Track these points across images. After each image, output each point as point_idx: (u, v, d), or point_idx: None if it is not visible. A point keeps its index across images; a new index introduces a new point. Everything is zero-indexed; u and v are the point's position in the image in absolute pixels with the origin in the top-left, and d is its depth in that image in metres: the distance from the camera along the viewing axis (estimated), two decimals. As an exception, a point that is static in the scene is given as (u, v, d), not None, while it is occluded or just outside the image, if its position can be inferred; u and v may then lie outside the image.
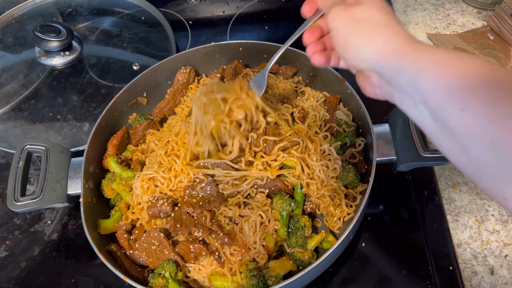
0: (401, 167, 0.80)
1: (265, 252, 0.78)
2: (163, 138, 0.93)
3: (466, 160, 0.43)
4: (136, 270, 0.81)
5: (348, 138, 0.90)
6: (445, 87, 0.42)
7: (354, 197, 0.86)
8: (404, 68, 0.46)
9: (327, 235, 0.82)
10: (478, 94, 0.40)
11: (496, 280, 0.81)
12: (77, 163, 0.89)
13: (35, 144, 0.88)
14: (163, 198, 0.81)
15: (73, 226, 0.99)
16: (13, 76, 1.21)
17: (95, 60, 1.22)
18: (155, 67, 1.01)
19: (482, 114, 0.39)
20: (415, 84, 0.45)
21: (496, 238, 0.86)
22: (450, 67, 0.42)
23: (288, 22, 1.36)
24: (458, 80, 0.41)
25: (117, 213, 0.87)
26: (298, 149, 0.81)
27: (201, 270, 0.79)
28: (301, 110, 0.95)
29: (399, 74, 0.47)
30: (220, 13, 1.42)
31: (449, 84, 0.42)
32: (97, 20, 1.34)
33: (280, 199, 0.81)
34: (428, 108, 0.45)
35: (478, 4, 1.25)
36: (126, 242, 0.83)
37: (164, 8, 1.44)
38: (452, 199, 0.91)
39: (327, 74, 0.96)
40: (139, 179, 0.84)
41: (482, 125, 0.39)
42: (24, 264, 0.95)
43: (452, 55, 0.43)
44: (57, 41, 1.17)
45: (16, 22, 1.34)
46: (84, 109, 1.13)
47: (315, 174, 0.82)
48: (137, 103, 1.05)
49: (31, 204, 0.82)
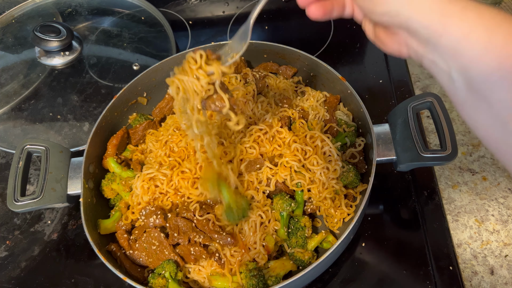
0: (401, 167, 0.80)
1: (265, 252, 0.78)
2: (161, 138, 0.93)
3: (503, 137, 0.40)
4: (136, 270, 0.81)
5: (348, 138, 0.90)
6: (496, 56, 0.37)
7: (354, 197, 0.86)
8: (450, 30, 0.39)
9: (327, 235, 0.82)
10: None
11: (496, 280, 0.81)
12: (77, 163, 0.89)
13: (35, 144, 0.88)
14: (153, 212, 0.80)
15: (73, 226, 0.99)
16: (13, 76, 1.21)
17: (95, 60, 1.22)
18: (155, 67, 1.01)
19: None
20: (459, 50, 0.39)
21: (496, 238, 0.86)
22: (503, 32, 0.37)
23: (288, 22, 1.36)
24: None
25: (117, 213, 0.87)
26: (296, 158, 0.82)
27: (201, 271, 0.79)
28: (301, 110, 0.95)
29: (442, 36, 0.40)
30: (220, 13, 1.42)
31: (502, 52, 0.36)
32: (97, 20, 1.34)
33: (280, 200, 0.80)
34: (467, 77, 0.39)
35: (478, 4, 1.25)
36: (126, 242, 0.83)
37: (164, 8, 1.43)
38: (452, 199, 0.91)
39: (327, 74, 0.96)
40: (140, 179, 0.84)
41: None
42: (24, 264, 0.95)
43: (503, 17, 0.38)
44: (57, 41, 1.17)
45: (16, 22, 1.34)
46: (84, 109, 1.13)
47: (316, 177, 0.82)
48: (137, 103, 1.05)
49: (31, 204, 0.82)
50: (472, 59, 0.38)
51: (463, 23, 0.39)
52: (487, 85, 0.38)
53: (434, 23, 0.40)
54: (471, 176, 0.94)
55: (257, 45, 1.02)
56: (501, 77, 0.37)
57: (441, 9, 0.40)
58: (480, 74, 0.38)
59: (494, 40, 0.37)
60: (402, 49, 0.48)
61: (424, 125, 1.03)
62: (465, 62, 0.39)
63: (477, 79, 0.39)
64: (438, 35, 0.40)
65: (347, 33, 1.27)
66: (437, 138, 0.87)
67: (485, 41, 0.37)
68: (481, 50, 0.38)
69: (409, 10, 0.42)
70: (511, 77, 0.36)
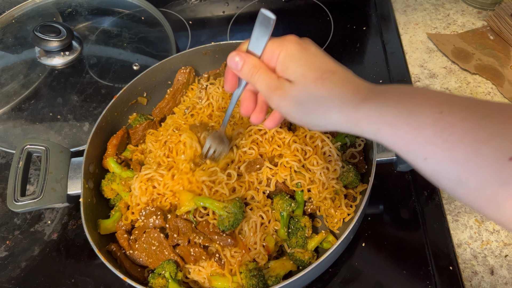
0: (401, 167, 0.80)
1: (265, 252, 0.78)
2: (161, 138, 0.93)
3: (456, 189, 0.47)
4: (136, 270, 0.81)
5: (348, 138, 0.90)
6: (404, 142, 0.46)
7: (354, 197, 0.86)
8: (364, 131, 0.50)
9: (327, 235, 0.82)
10: (435, 143, 0.43)
11: (496, 280, 0.81)
12: (77, 163, 0.88)
13: (35, 144, 0.88)
14: (153, 213, 0.80)
15: (73, 226, 0.99)
16: (13, 76, 1.21)
17: (95, 60, 1.22)
18: (155, 67, 1.01)
19: (444, 159, 0.43)
20: (380, 141, 0.49)
21: (496, 238, 0.86)
22: (403, 123, 0.45)
23: (288, 22, 1.36)
24: (415, 134, 0.44)
25: (117, 213, 0.87)
26: (296, 159, 0.82)
27: (201, 271, 0.79)
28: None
29: (363, 134, 0.51)
30: (220, 13, 1.42)
31: (407, 138, 0.45)
32: (97, 20, 1.34)
33: (280, 200, 0.80)
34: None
35: (478, 4, 1.25)
36: (126, 242, 0.83)
37: (164, 8, 1.44)
38: (452, 199, 0.91)
39: (327, 74, 0.95)
40: (137, 180, 0.84)
41: (447, 168, 0.43)
42: (24, 264, 0.95)
43: (402, 106, 0.46)
44: (57, 41, 1.17)
45: (16, 22, 1.34)
46: (84, 109, 1.13)
47: (316, 177, 0.81)
48: (137, 103, 1.05)
49: (31, 204, 0.82)
50: (391, 146, 0.48)
51: (371, 124, 0.48)
52: (411, 161, 0.48)
53: (353, 128, 0.51)
54: (471, 176, 0.94)
55: (257, 45, 1.02)
56: (416, 156, 0.47)
57: (352, 119, 0.50)
58: (402, 155, 0.48)
59: (397, 132, 0.46)
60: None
61: (424, 125, 1.03)
62: (389, 147, 0.49)
63: (404, 157, 0.49)
64: (360, 133, 0.51)
65: (347, 33, 1.27)
66: (437, 138, 0.86)
67: (391, 135, 0.47)
68: (392, 141, 0.48)
69: (332, 125, 0.53)
70: (423, 155, 0.45)
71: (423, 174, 0.47)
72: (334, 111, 0.51)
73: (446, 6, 1.29)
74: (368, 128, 0.49)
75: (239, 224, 0.79)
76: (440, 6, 1.29)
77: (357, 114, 0.49)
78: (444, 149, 0.43)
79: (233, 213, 0.76)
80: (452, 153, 0.42)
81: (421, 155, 0.45)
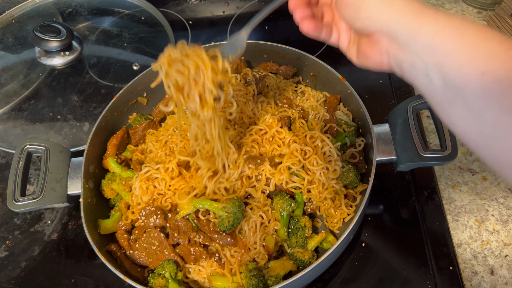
0: (401, 167, 0.80)
1: (265, 252, 0.78)
2: (161, 138, 0.93)
3: (479, 128, 0.43)
4: (136, 270, 0.81)
5: (348, 138, 0.90)
6: (467, 48, 0.41)
7: (354, 197, 0.86)
8: (424, 29, 0.44)
9: (327, 235, 0.82)
10: (499, 58, 0.39)
11: (496, 280, 0.81)
12: (77, 163, 0.89)
13: (35, 144, 0.88)
14: (153, 213, 0.80)
15: (73, 226, 0.99)
16: (13, 76, 1.21)
17: (95, 60, 1.22)
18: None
19: (503, 78, 0.39)
20: (434, 46, 0.43)
21: (496, 238, 0.86)
22: (471, 30, 0.41)
23: (288, 22, 1.35)
24: (481, 42, 0.40)
25: (117, 213, 0.87)
26: (296, 160, 0.81)
27: (201, 271, 0.79)
28: (301, 110, 0.95)
29: (418, 34, 0.44)
30: (220, 13, 1.42)
31: (471, 45, 0.41)
32: (97, 20, 1.34)
33: (280, 200, 0.80)
34: (443, 73, 0.43)
35: (478, 4, 1.25)
36: (126, 242, 0.83)
37: (164, 8, 1.43)
38: (452, 199, 0.91)
39: (327, 74, 0.96)
40: (138, 179, 0.84)
41: (502, 90, 0.39)
42: (24, 264, 0.95)
43: (469, 21, 0.42)
44: (57, 41, 1.17)
45: (16, 22, 1.34)
46: (84, 109, 1.13)
47: (316, 177, 0.81)
48: (137, 103, 1.05)
49: (31, 204, 0.82)
50: (447, 54, 0.42)
51: (436, 22, 0.43)
52: (462, 77, 0.41)
53: (411, 23, 0.45)
54: (471, 176, 0.94)
55: (257, 45, 1.02)
56: (473, 69, 0.40)
57: (417, 11, 0.45)
58: (455, 67, 0.42)
59: (464, 36, 0.41)
60: (383, 59, 0.52)
61: (424, 125, 1.03)
62: (442, 57, 0.43)
63: (452, 73, 0.42)
64: (415, 33, 0.45)
65: (347, 33, 1.27)
66: (437, 138, 0.87)
67: (456, 37, 0.42)
68: (453, 45, 0.42)
69: (389, 13, 0.47)
70: (481, 68, 0.40)
71: (469, 95, 0.41)
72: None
73: (446, 6, 1.29)
74: (430, 26, 0.44)
75: (239, 224, 0.79)
76: (440, 6, 1.29)
77: (426, 8, 0.45)
78: (508, 69, 0.39)
79: (233, 213, 0.76)
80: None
81: (480, 68, 0.40)
